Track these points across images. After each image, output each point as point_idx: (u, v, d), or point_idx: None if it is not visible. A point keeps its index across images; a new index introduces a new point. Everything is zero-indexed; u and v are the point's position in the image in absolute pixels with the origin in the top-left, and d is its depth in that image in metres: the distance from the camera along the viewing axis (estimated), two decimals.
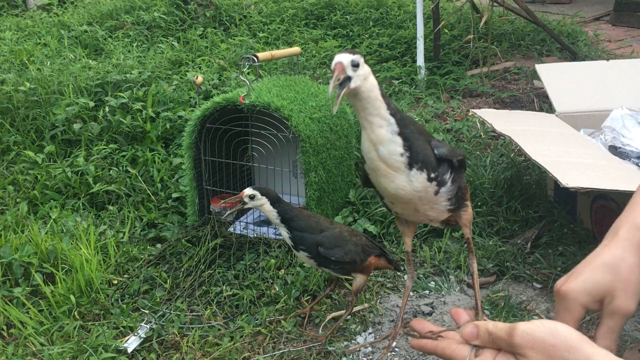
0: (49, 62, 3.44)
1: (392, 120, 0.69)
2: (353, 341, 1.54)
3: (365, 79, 0.69)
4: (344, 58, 0.69)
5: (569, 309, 0.73)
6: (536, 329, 0.62)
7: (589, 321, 1.59)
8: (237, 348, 1.50)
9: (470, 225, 0.85)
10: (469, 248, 0.87)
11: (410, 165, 0.70)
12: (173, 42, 4.07)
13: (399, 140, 0.69)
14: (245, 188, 1.44)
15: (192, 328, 1.58)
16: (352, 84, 0.68)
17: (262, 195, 1.42)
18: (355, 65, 0.68)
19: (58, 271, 1.74)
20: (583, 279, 0.74)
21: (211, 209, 2.06)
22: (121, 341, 1.51)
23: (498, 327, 0.66)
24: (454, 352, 0.68)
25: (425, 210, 0.77)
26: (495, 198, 2.09)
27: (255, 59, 1.91)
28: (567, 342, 0.60)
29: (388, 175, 0.71)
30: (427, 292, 1.75)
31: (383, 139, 0.69)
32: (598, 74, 2.43)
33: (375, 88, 0.70)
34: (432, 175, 0.71)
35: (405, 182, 0.71)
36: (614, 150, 1.96)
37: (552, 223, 1.97)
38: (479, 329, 0.67)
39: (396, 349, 1.51)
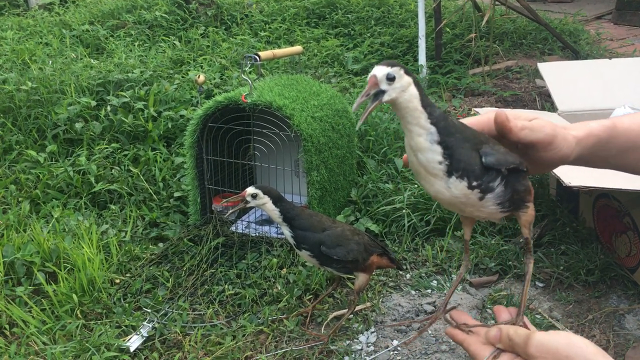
0: (50, 62, 3.45)
1: (433, 129, 0.70)
2: (355, 340, 1.54)
3: (404, 91, 0.69)
4: (379, 71, 0.69)
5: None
6: (551, 339, 0.62)
7: (592, 320, 1.59)
8: (239, 347, 1.50)
9: (529, 227, 0.83)
10: (527, 248, 0.84)
11: (450, 173, 0.71)
12: (175, 42, 4.07)
13: (438, 149, 0.70)
14: (247, 187, 1.44)
15: (195, 327, 1.58)
16: (386, 97, 0.69)
17: (264, 194, 1.42)
18: (391, 79, 0.69)
19: (60, 270, 1.74)
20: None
21: (213, 208, 2.06)
22: (124, 340, 1.52)
23: (517, 333, 0.67)
24: (477, 350, 0.70)
25: (471, 213, 0.78)
26: None
27: (257, 58, 1.91)
28: (583, 354, 0.60)
29: (428, 180, 0.72)
30: (429, 290, 1.75)
31: (421, 147, 0.70)
32: (600, 73, 2.42)
33: (414, 98, 0.70)
34: (474, 183, 0.72)
35: (444, 188, 0.72)
36: None
37: (554, 222, 1.97)
38: (502, 333, 0.68)
39: (398, 348, 1.51)
